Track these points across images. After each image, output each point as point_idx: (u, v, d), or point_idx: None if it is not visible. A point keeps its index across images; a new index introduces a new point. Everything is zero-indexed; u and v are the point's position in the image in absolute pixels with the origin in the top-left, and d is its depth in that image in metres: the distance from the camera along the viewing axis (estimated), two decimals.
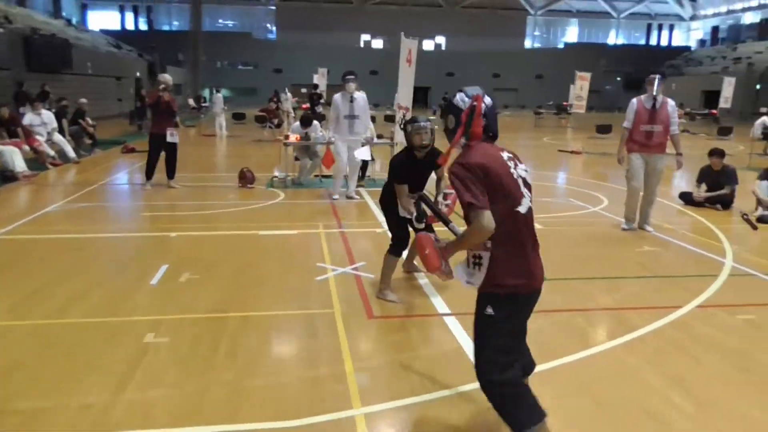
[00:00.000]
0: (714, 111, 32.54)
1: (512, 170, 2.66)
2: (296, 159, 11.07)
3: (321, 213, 8.47)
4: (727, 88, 31.58)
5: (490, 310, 2.64)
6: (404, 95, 10.31)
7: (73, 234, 7.00)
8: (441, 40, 61.63)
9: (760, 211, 8.53)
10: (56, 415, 3.17)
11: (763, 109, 17.13)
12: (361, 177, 10.88)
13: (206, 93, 45.02)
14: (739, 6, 59.22)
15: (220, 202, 9.04)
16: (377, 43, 62.60)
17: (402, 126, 5.15)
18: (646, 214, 7.69)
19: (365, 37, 62.43)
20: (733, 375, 3.76)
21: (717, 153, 9.30)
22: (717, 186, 9.20)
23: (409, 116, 10.43)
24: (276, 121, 19.89)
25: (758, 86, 43.38)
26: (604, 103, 50.58)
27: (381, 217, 8.09)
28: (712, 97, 37.75)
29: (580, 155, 16.63)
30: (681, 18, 65.35)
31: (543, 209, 8.73)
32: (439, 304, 4.87)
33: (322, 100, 20.97)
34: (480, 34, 59.22)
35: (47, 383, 3.51)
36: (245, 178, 10.39)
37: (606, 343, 4.14)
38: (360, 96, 9.41)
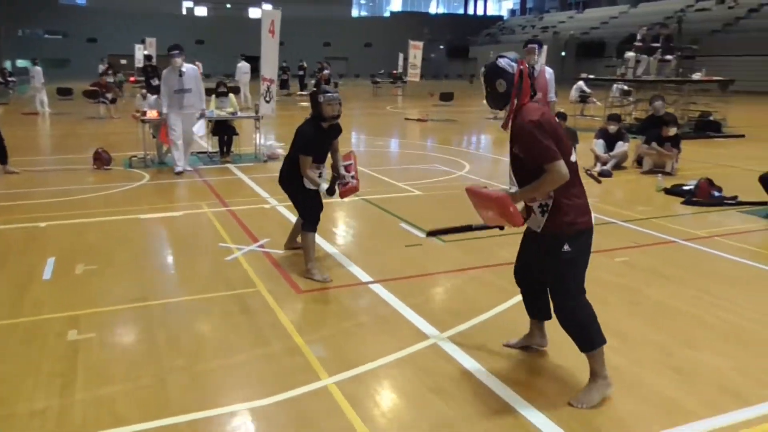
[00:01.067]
0: None
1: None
2: (153, 136, 10.49)
3: (198, 192, 8.18)
4: (542, 55, 34.56)
5: (567, 248, 3.04)
6: (268, 67, 10.16)
7: None
8: (268, 7, 60.37)
9: (599, 167, 9.66)
10: (7, 425, 2.92)
11: (584, 75, 19.06)
12: (227, 152, 10.61)
13: (8, 65, 40.40)
14: None
15: (81, 187, 8.36)
16: (201, 11, 59.84)
17: (310, 95, 5.04)
18: None
19: (187, 4, 59.33)
20: (631, 308, 4.38)
21: (560, 115, 10.31)
22: None
23: (273, 87, 10.38)
24: (110, 95, 18.44)
25: (563, 53, 47.87)
26: (431, 71, 52.88)
27: (264, 193, 8.05)
28: None
29: (426, 123, 17.43)
30: None
31: (416, 176, 9.17)
32: (359, 273, 5.03)
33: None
34: (307, 2, 58.78)
35: None
36: (101, 159, 9.68)
37: (518, 295, 4.57)
38: (189, 68, 9.23)
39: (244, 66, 21.73)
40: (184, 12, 58.71)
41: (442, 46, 59.93)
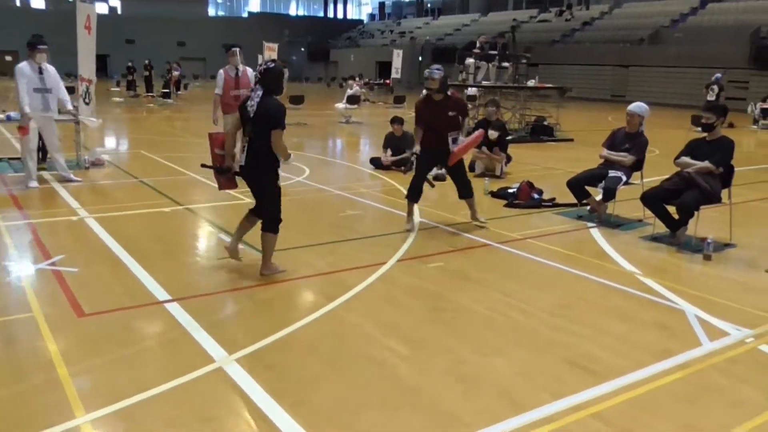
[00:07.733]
0: (388, 81, 36.07)
1: None
2: None
3: None
4: (397, 60, 35.29)
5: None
6: (86, 66, 9.36)
7: None
8: (116, 3, 56.87)
9: (434, 171, 9.81)
10: None
11: None
12: (43, 158, 9.64)
13: None
14: None
15: None
16: (38, 3, 55.28)
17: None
18: None
19: None
20: (433, 315, 4.36)
21: (397, 120, 10.41)
22: (400, 150, 10.32)
23: (93, 88, 9.60)
24: None
25: (420, 58, 49.22)
26: (292, 73, 52.24)
27: (75, 203, 7.37)
28: (384, 68, 41.73)
29: None
30: None
31: None
32: (158, 291, 4.63)
33: None
34: None
35: None
36: None
37: (327, 306, 4.42)
38: (50, 67, 8.24)
39: None
40: (18, 4, 53.90)
41: (303, 49, 59.54)
